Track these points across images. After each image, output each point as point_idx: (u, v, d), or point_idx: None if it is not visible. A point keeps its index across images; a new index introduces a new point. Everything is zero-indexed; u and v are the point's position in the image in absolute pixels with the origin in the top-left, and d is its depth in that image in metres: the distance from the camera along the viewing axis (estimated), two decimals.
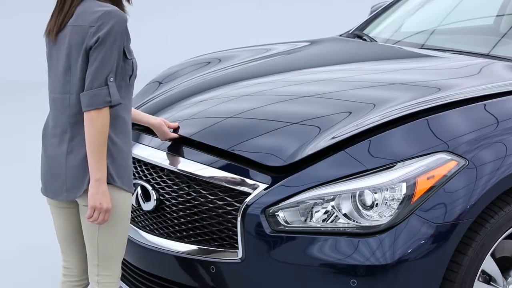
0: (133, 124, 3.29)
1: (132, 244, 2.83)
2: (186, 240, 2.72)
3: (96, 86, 2.31)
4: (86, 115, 2.32)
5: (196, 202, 2.69)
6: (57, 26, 2.39)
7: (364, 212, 2.48)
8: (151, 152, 2.89)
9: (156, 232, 2.82)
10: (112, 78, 2.32)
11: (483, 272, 2.62)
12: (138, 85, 3.94)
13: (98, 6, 2.36)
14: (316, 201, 2.50)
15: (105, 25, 2.31)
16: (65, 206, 2.54)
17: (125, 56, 2.38)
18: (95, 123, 2.32)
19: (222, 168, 2.68)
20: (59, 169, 2.43)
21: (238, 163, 2.68)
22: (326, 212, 2.50)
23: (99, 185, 2.35)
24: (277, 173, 2.59)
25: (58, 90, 2.42)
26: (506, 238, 2.62)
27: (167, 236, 2.78)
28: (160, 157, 2.85)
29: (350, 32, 4.30)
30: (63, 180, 2.42)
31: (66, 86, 2.39)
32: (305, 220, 2.51)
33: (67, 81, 2.39)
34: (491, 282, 2.67)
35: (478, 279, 2.57)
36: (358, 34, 4.15)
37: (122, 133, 2.42)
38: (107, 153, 2.36)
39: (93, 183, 2.35)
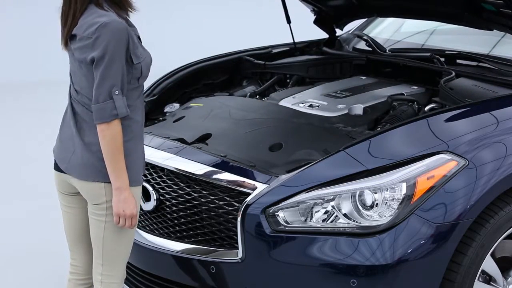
0: None
1: (132, 244, 2.83)
2: (186, 240, 2.72)
3: (101, 100, 2.32)
4: (98, 128, 2.36)
5: (196, 202, 2.69)
6: (64, 39, 2.41)
7: (364, 212, 2.47)
8: (151, 152, 2.89)
9: (156, 232, 2.82)
10: (117, 91, 2.32)
11: (483, 272, 2.62)
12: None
13: (97, 16, 2.33)
14: (316, 201, 2.50)
15: (101, 41, 2.29)
16: (75, 206, 2.56)
17: (132, 61, 2.37)
18: (106, 135, 2.35)
19: (222, 168, 2.68)
20: (70, 155, 2.47)
21: (238, 163, 2.69)
22: (326, 212, 2.50)
23: (120, 192, 2.38)
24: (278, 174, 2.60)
25: (74, 85, 2.46)
26: (506, 238, 2.62)
27: (167, 236, 2.78)
28: (160, 157, 2.85)
29: (350, 32, 4.30)
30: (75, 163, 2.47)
31: (78, 85, 2.43)
32: (305, 220, 2.51)
33: (76, 83, 2.43)
34: (491, 282, 2.67)
35: (478, 279, 2.57)
36: (358, 34, 4.15)
37: (133, 135, 2.43)
38: None
39: (114, 191, 2.39)
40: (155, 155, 2.87)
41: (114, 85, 2.31)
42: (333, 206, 2.49)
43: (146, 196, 2.81)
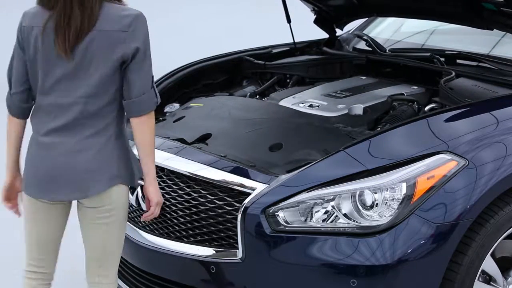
0: None
1: (132, 244, 2.83)
2: (186, 240, 2.72)
3: (146, 91, 2.36)
4: (137, 120, 2.38)
5: (196, 202, 2.69)
6: (72, 43, 2.30)
7: (364, 212, 2.47)
8: None
9: (156, 232, 2.82)
10: (153, 79, 2.40)
11: (483, 272, 2.61)
12: None
13: (120, 10, 2.33)
14: (316, 201, 2.50)
15: (140, 32, 2.32)
16: (52, 214, 2.48)
17: None
18: (148, 125, 2.40)
19: (222, 168, 2.68)
20: (66, 169, 2.38)
21: (238, 163, 2.69)
22: (326, 212, 2.50)
23: (155, 181, 2.48)
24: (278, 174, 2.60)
25: (67, 94, 2.35)
26: (506, 238, 2.62)
27: (167, 236, 2.78)
28: (160, 157, 2.84)
29: (350, 32, 4.30)
30: (74, 180, 2.39)
31: (80, 91, 2.34)
32: (305, 220, 2.51)
33: (88, 86, 2.33)
34: (491, 282, 2.67)
35: (478, 279, 2.57)
36: (358, 34, 4.15)
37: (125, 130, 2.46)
38: (117, 151, 2.40)
39: (152, 181, 2.46)
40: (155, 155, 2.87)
41: (152, 74, 2.39)
42: (333, 206, 2.49)
43: None
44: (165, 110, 3.49)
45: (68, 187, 2.39)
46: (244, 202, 2.54)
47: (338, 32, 4.26)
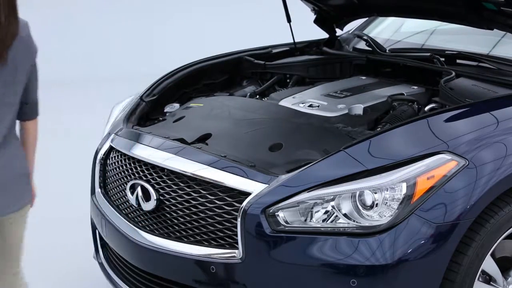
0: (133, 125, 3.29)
1: (132, 244, 2.83)
2: (186, 240, 2.72)
3: (37, 94, 2.45)
4: (33, 123, 2.48)
5: (196, 202, 2.69)
6: (6, 46, 2.27)
7: (364, 212, 2.48)
8: (151, 152, 2.89)
9: (156, 232, 2.82)
10: None
11: (483, 272, 2.62)
12: (140, 85, 3.95)
13: None
14: (316, 201, 2.50)
15: (31, 37, 2.38)
16: None
17: None
18: (36, 127, 2.51)
19: (222, 168, 2.68)
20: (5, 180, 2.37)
21: (238, 163, 2.69)
22: (326, 212, 2.50)
23: None
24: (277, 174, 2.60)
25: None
26: (506, 238, 2.62)
27: (167, 236, 2.78)
28: (160, 157, 2.85)
29: (350, 32, 4.30)
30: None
31: (11, 98, 2.34)
32: (305, 220, 2.51)
33: (15, 93, 2.35)
34: (491, 282, 2.67)
35: (478, 279, 2.57)
36: (358, 34, 4.15)
37: None
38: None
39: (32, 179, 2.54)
40: (155, 155, 2.87)
41: None
42: (333, 206, 2.49)
43: (146, 196, 2.81)
44: (165, 110, 3.49)
45: (5, 197, 2.38)
46: (244, 202, 2.54)
47: (338, 32, 4.26)
